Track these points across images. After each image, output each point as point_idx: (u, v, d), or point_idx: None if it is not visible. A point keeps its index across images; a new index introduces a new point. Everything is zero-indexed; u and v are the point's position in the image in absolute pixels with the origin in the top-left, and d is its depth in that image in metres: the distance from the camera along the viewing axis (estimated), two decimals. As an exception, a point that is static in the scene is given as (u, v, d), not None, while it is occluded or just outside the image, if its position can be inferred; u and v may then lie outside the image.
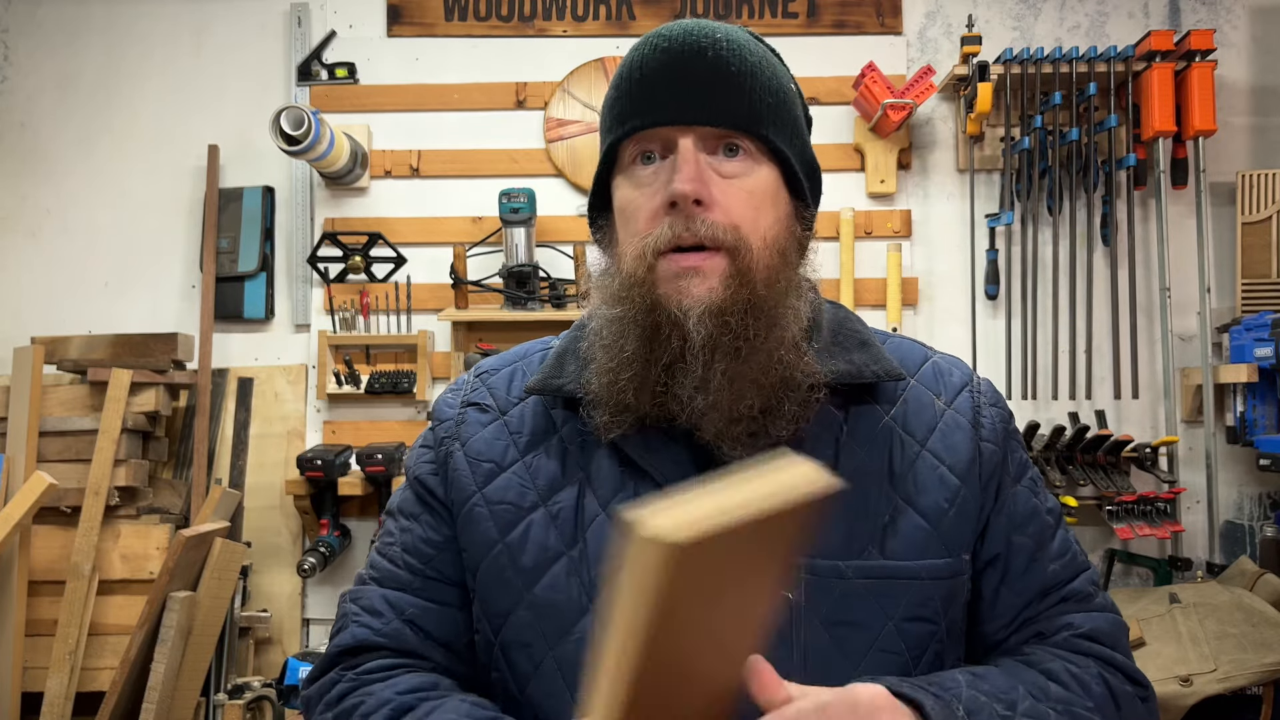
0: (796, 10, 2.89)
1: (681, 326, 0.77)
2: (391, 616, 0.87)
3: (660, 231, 0.78)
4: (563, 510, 0.84)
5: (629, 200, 0.82)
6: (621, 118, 0.82)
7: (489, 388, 0.94)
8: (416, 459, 0.94)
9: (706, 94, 0.80)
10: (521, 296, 2.68)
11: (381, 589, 0.89)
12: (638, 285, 0.79)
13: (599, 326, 0.84)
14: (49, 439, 2.61)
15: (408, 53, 2.90)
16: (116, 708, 2.36)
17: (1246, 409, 2.66)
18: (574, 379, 0.86)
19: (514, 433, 0.89)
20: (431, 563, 0.89)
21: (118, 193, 2.92)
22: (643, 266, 0.79)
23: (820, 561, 0.79)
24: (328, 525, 2.68)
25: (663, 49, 0.80)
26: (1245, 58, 2.90)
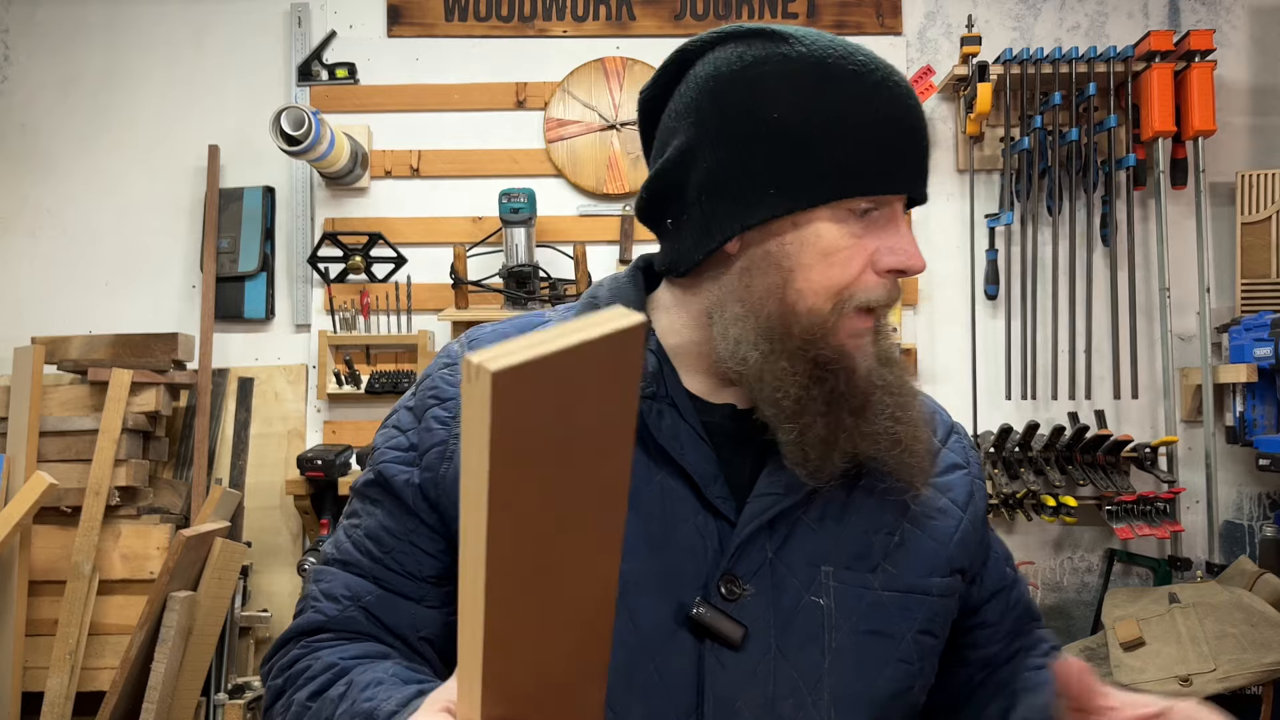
0: (796, 10, 2.90)
1: (852, 372, 0.80)
2: (348, 604, 0.86)
3: (875, 293, 0.79)
4: None
5: (838, 247, 0.78)
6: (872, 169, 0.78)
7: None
8: (387, 441, 0.90)
9: (927, 165, 0.82)
10: (522, 296, 2.68)
11: (344, 572, 0.88)
12: (819, 326, 0.79)
13: (744, 350, 0.80)
14: (49, 439, 2.61)
15: (408, 53, 2.91)
16: (117, 708, 2.36)
17: (1246, 409, 2.67)
18: None
19: None
20: (391, 553, 0.87)
21: (118, 193, 2.93)
22: (835, 315, 0.79)
23: (849, 571, 0.82)
24: (328, 525, 2.68)
25: (905, 104, 0.79)
26: (1245, 58, 2.91)
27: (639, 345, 0.49)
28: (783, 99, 0.77)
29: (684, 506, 0.81)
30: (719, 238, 0.80)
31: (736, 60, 0.80)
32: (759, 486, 0.81)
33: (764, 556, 0.81)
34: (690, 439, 0.82)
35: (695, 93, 0.82)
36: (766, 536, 0.81)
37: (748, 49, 0.80)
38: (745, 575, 0.80)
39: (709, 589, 0.79)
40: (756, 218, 0.79)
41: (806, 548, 0.82)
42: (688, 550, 0.80)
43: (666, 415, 0.83)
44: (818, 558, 0.82)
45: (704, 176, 0.80)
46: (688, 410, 0.83)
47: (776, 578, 0.81)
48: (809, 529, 0.82)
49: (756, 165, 0.78)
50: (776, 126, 0.77)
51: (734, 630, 0.78)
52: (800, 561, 0.81)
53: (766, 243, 0.80)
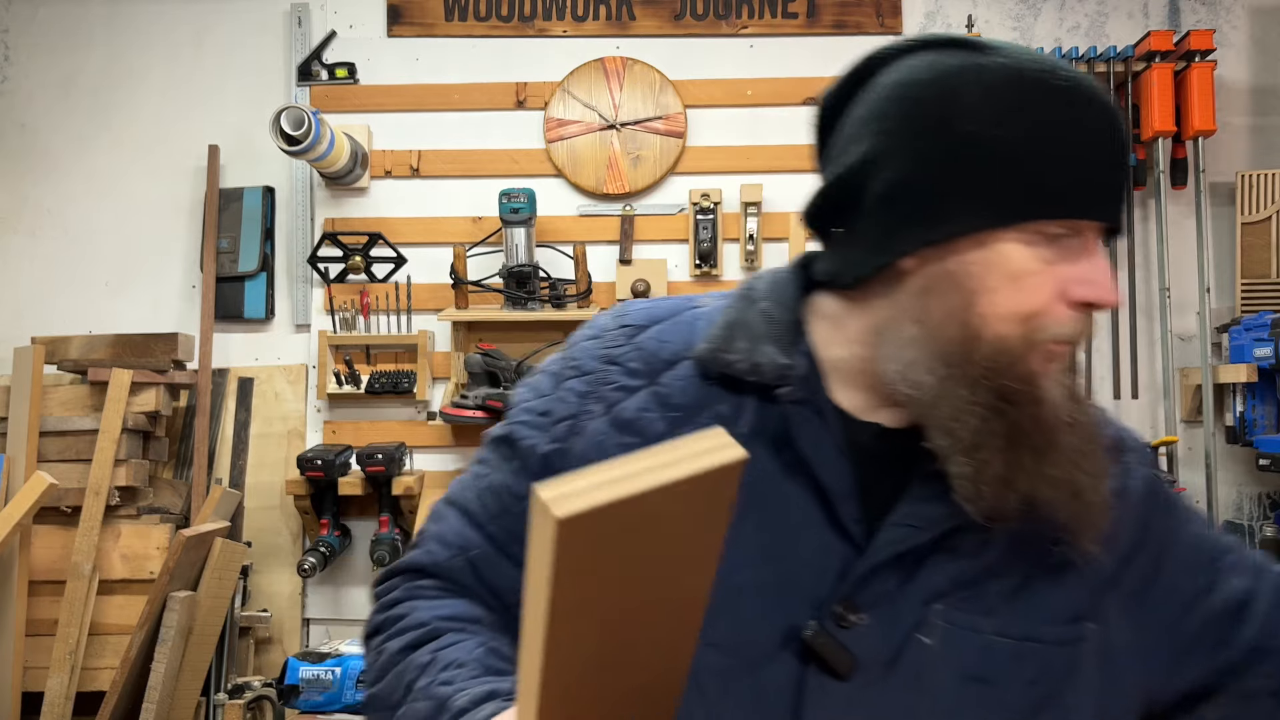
0: (796, 10, 2.90)
1: (1039, 404, 0.74)
2: (457, 553, 0.86)
3: (1064, 327, 0.74)
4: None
5: (1029, 271, 0.74)
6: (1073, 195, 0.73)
7: (637, 347, 0.85)
8: (522, 401, 0.88)
9: (1126, 192, 0.77)
10: (522, 296, 2.68)
11: (460, 519, 0.88)
12: (1004, 354, 0.74)
13: (907, 343, 0.76)
14: (49, 439, 2.61)
15: (408, 53, 2.91)
16: (117, 707, 2.36)
17: (1246, 409, 2.67)
18: (745, 356, 0.80)
19: (663, 404, 0.82)
20: (507, 513, 0.85)
21: (118, 193, 2.93)
22: (1022, 343, 0.74)
23: (960, 612, 0.77)
24: (328, 525, 2.68)
25: (1109, 128, 0.74)
26: (1245, 58, 2.91)
27: (735, 481, 0.45)
28: (978, 111, 0.73)
29: (810, 521, 0.78)
30: (896, 252, 0.76)
31: (929, 69, 0.76)
32: (896, 515, 0.76)
33: (886, 588, 0.76)
34: (832, 453, 0.78)
35: (883, 100, 0.78)
36: (892, 568, 0.76)
37: (942, 57, 0.76)
38: (863, 604, 0.76)
39: (823, 612, 0.75)
40: (940, 234, 0.74)
41: (928, 583, 0.77)
42: (807, 567, 0.77)
43: (811, 424, 0.78)
44: (934, 593, 0.77)
45: (885, 187, 0.76)
46: (834, 422, 0.79)
47: (893, 611, 0.76)
48: (937, 564, 0.77)
49: (944, 179, 0.74)
50: (969, 139, 0.73)
51: (843, 660, 0.74)
52: (918, 596, 0.77)
53: (947, 261, 0.75)
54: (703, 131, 2.87)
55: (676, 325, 0.86)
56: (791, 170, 2.84)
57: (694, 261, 2.79)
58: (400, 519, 2.72)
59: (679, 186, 2.85)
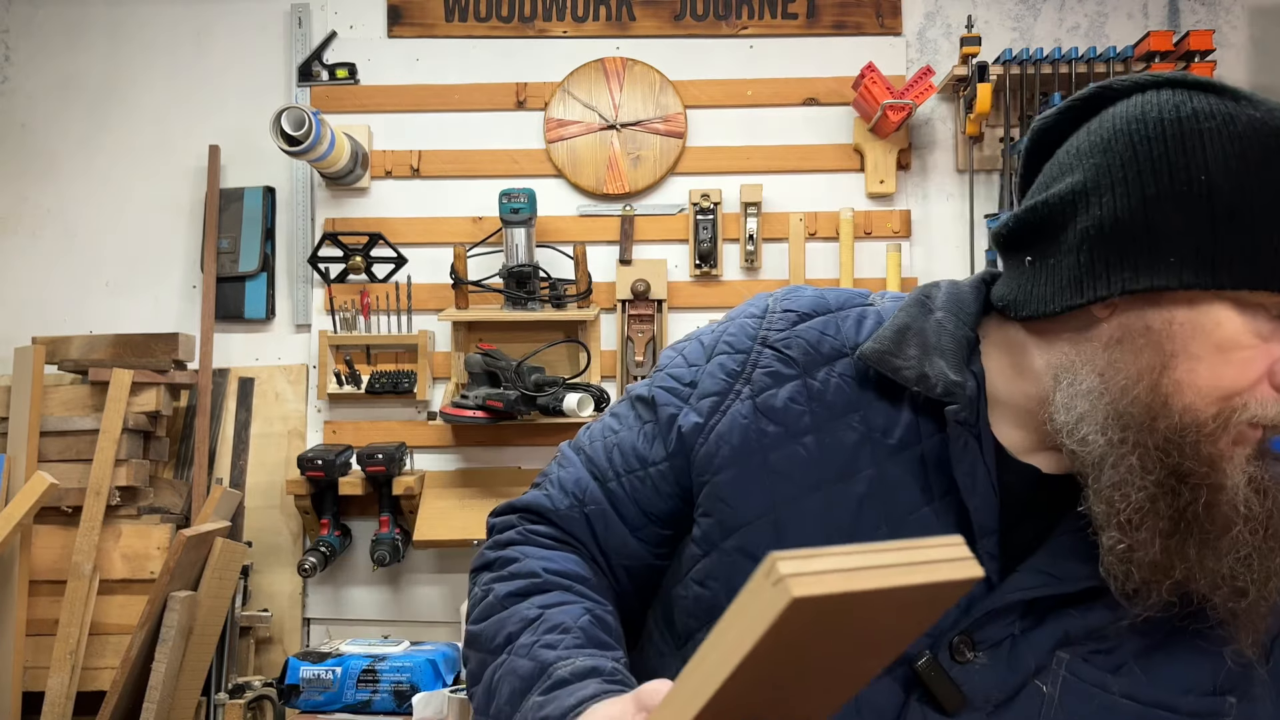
0: (796, 11, 2.90)
1: (1217, 490, 0.68)
2: (574, 501, 0.87)
3: (1269, 410, 0.68)
4: (843, 505, 0.76)
5: (1240, 344, 0.67)
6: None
7: (798, 335, 0.82)
8: (670, 364, 0.87)
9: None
10: (522, 297, 2.68)
11: (584, 468, 0.88)
12: (1192, 430, 0.67)
13: (1084, 394, 0.71)
14: (50, 439, 2.61)
15: (408, 53, 2.91)
16: (117, 707, 2.37)
17: (1245, 409, 2.67)
18: (914, 366, 0.76)
19: (814, 398, 0.79)
20: (631, 475, 0.85)
21: (118, 193, 2.93)
22: (1214, 422, 0.67)
23: (1087, 665, 0.73)
24: (328, 525, 2.68)
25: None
26: (1245, 58, 2.91)
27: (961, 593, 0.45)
28: (1218, 161, 0.66)
29: None
30: (1091, 294, 0.70)
31: (1173, 109, 0.69)
32: (1035, 560, 0.73)
33: (1009, 631, 0.73)
34: (984, 484, 0.74)
35: (1110, 133, 0.71)
36: (1019, 614, 0.73)
37: (1189, 99, 0.70)
38: (982, 642, 0.72)
39: (939, 644, 0.72)
40: (1144, 284, 0.68)
41: (1052, 629, 0.73)
42: None
43: (970, 450, 0.74)
44: (1061, 640, 0.73)
45: (1093, 223, 0.70)
46: (989, 452, 0.75)
47: (1014, 656, 0.72)
48: (1069, 615, 0.73)
49: (1164, 225, 0.67)
50: (1201, 190, 0.66)
51: (952, 696, 0.71)
52: (1044, 644, 0.73)
53: (1148, 315, 0.68)
54: (703, 132, 2.87)
55: (843, 319, 0.83)
56: (791, 170, 2.85)
57: (694, 262, 2.80)
58: (400, 519, 2.72)
59: (679, 187, 2.85)
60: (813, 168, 2.84)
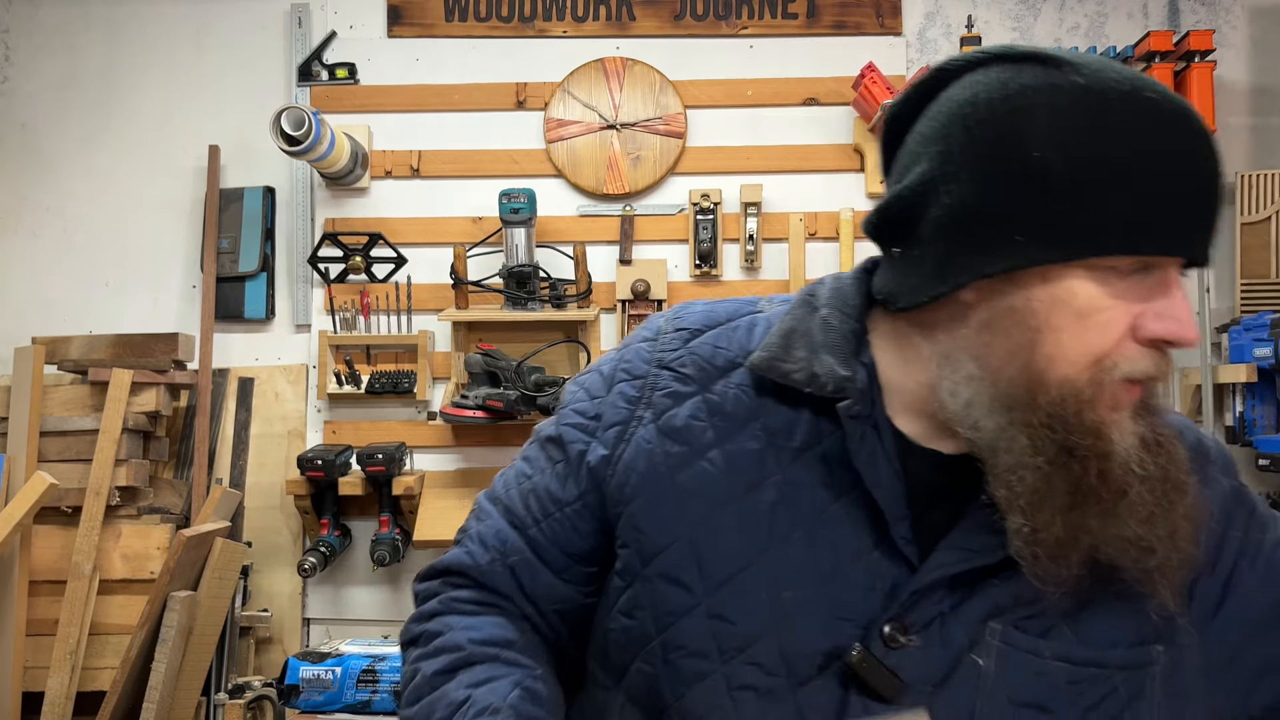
0: (796, 11, 2.90)
1: (1106, 458, 0.69)
2: (497, 556, 0.86)
3: (1138, 364, 0.69)
4: (758, 515, 0.77)
5: (1097, 308, 0.68)
6: (1154, 227, 0.67)
7: (691, 352, 0.83)
8: (573, 400, 0.86)
9: (1215, 222, 0.70)
10: (522, 297, 2.68)
11: (502, 519, 0.87)
12: (1072, 399, 0.69)
13: (965, 381, 0.72)
14: (50, 439, 2.61)
15: (408, 53, 2.91)
16: (117, 707, 2.37)
17: (1246, 409, 2.67)
18: (803, 368, 0.76)
19: (714, 413, 0.79)
20: (550, 519, 0.85)
21: (118, 193, 2.93)
22: (1092, 388, 0.69)
23: (1018, 632, 0.74)
24: (328, 525, 2.68)
25: (1205, 158, 0.68)
26: (1245, 58, 2.91)
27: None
28: (1049, 135, 0.67)
29: (861, 540, 0.75)
30: (952, 283, 0.71)
31: (1000, 86, 0.70)
32: (952, 538, 0.74)
33: (938, 610, 0.74)
34: (887, 472, 0.75)
35: (947, 117, 0.72)
36: (945, 591, 0.74)
37: (1016, 74, 0.70)
38: (913, 626, 0.73)
39: (870, 633, 0.73)
40: (998, 266, 0.69)
41: (983, 601, 0.74)
42: (855, 587, 0.74)
43: (868, 441, 0.75)
44: (990, 613, 0.74)
45: (944, 213, 0.71)
46: (889, 441, 0.76)
47: (945, 633, 0.73)
48: (992, 585, 0.74)
49: (1007, 207, 0.68)
50: (1037, 166, 0.67)
51: (888, 683, 0.72)
52: (973, 617, 0.74)
53: (1010, 296, 0.70)
54: (703, 132, 2.87)
55: (734, 330, 0.84)
56: (791, 170, 2.84)
57: (694, 262, 2.80)
58: (400, 519, 2.72)
59: (679, 187, 2.85)
60: (813, 168, 2.84)
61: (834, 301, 0.81)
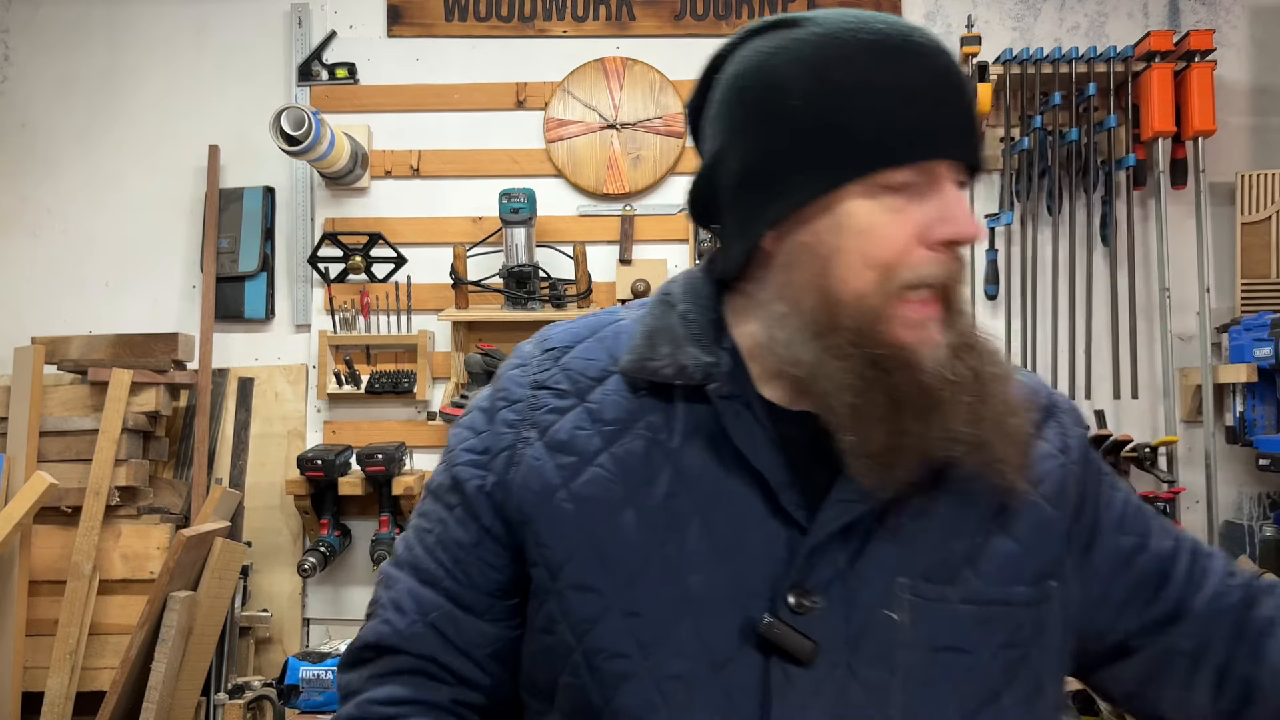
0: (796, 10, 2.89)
1: (915, 368, 0.74)
2: (415, 617, 0.86)
3: (926, 268, 0.74)
4: (655, 510, 0.79)
5: (877, 223, 0.74)
6: (894, 139, 0.74)
7: (564, 369, 0.86)
8: (460, 442, 0.88)
9: (972, 128, 0.77)
10: (522, 296, 2.68)
11: (412, 579, 0.87)
12: (868, 313, 0.74)
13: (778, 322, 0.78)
14: (49, 439, 2.61)
15: (408, 53, 2.91)
16: (117, 707, 2.36)
17: (1246, 409, 2.67)
18: (669, 362, 0.81)
19: (596, 420, 0.82)
20: (461, 565, 0.85)
21: (118, 193, 2.93)
22: (883, 298, 0.74)
23: (926, 583, 0.77)
24: (328, 525, 2.68)
25: (929, 67, 0.76)
26: (1245, 58, 2.91)
27: None
28: (794, 81, 0.75)
29: (755, 514, 0.78)
30: (753, 236, 0.78)
31: (754, 54, 0.79)
32: (834, 493, 0.77)
33: (836, 568, 0.76)
34: (765, 443, 0.78)
35: (721, 94, 0.81)
36: (840, 547, 0.76)
37: (764, 41, 0.79)
38: (815, 587, 0.75)
39: (776, 602, 0.75)
40: (784, 210, 0.76)
41: (883, 558, 0.77)
42: (756, 560, 0.77)
43: (742, 417, 0.79)
44: (894, 569, 0.76)
45: (734, 178, 0.79)
46: (761, 414, 0.80)
47: (848, 590, 0.76)
48: (886, 538, 0.77)
49: (777, 155, 0.76)
50: (790, 111, 0.75)
51: (803, 646, 0.74)
52: (875, 573, 0.76)
53: (800, 234, 0.76)
54: (703, 131, 2.86)
55: (600, 341, 0.87)
56: (791, 170, 2.84)
57: (694, 261, 2.80)
58: (400, 519, 2.72)
59: (679, 186, 2.85)
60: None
61: (688, 296, 0.85)
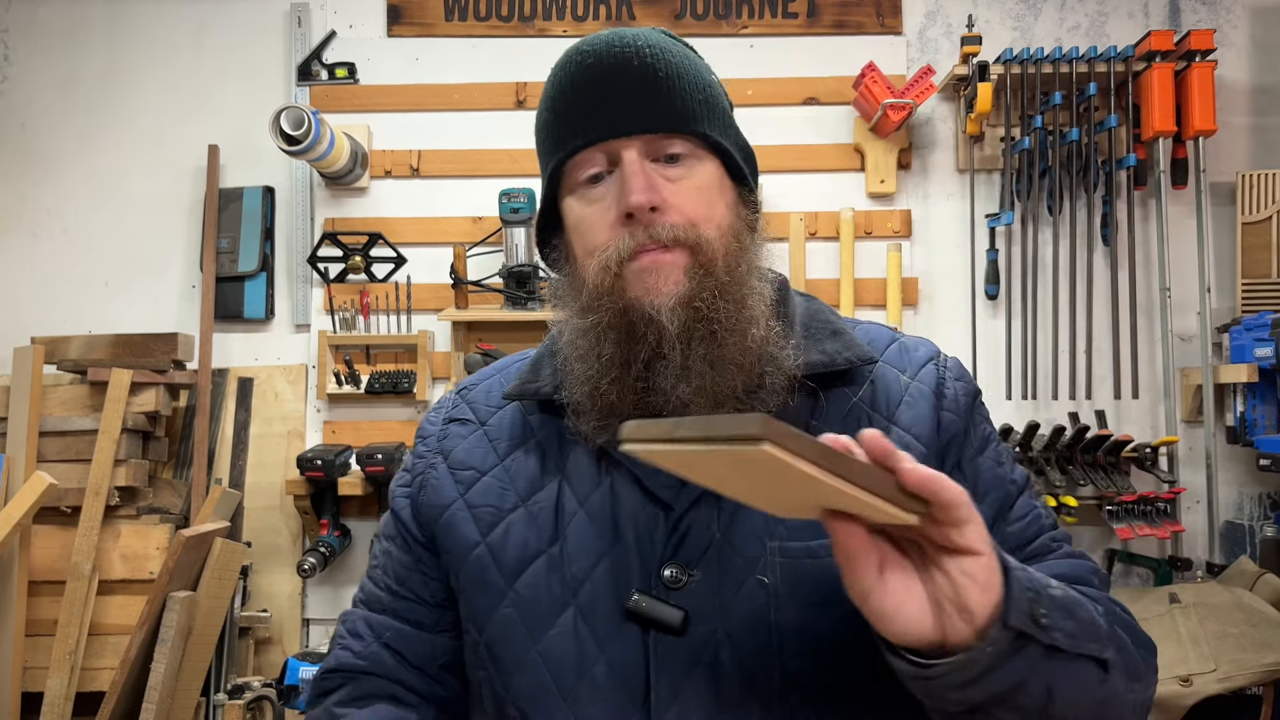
0: (796, 10, 2.89)
1: (656, 321, 0.80)
2: (370, 639, 0.93)
3: (621, 243, 0.81)
4: (542, 509, 0.87)
5: (583, 217, 0.85)
6: (562, 139, 0.85)
7: (468, 402, 0.97)
8: (396, 483, 0.98)
9: (640, 102, 0.83)
10: (521, 296, 2.68)
11: (366, 611, 0.95)
12: (606, 294, 0.82)
13: (572, 339, 0.87)
14: (49, 439, 2.61)
15: (408, 53, 2.91)
16: (117, 708, 2.36)
17: (1246, 409, 2.66)
18: (550, 382, 0.90)
19: (493, 440, 0.92)
20: (405, 584, 0.93)
21: (118, 193, 2.93)
22: (609, 276, 0.82)
23: (792, 544, 0.80)
24: (328, 525, 2.68)
25: (589, 65, 0.84)
26: (1245, 58, 2.90)
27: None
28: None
29: (631, 502, 0.83)
30: (542, 247, 0.94)
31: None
32: None
33: (710, 538, 0.81)
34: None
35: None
36: (712, 517, 0.81)
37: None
38: (691, 560, 0.80)
39: (650, 579, 0.81)
40: (542, 220, 0.91)
41: (752, 524, 0.81)
42: (634, 543, 0.82)
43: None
44: (763, 533, 0.81)
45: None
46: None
47: (723, 560, 0.80)
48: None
49: (541, 171, 0.90)
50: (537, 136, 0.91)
51: (672, 615, 0.78)
52: (747, 539, 0.81)
53: (561, 237, 0.90)
54: (703, 131, 2.86)
55: (503, 375, 0.99)
56: (792, 170, 2.84)
57: (694, 261, 2.79)
58: (400, 519, 2.71)
59: (679, 186, 2.84)
60: (813, 167, 2.84)
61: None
